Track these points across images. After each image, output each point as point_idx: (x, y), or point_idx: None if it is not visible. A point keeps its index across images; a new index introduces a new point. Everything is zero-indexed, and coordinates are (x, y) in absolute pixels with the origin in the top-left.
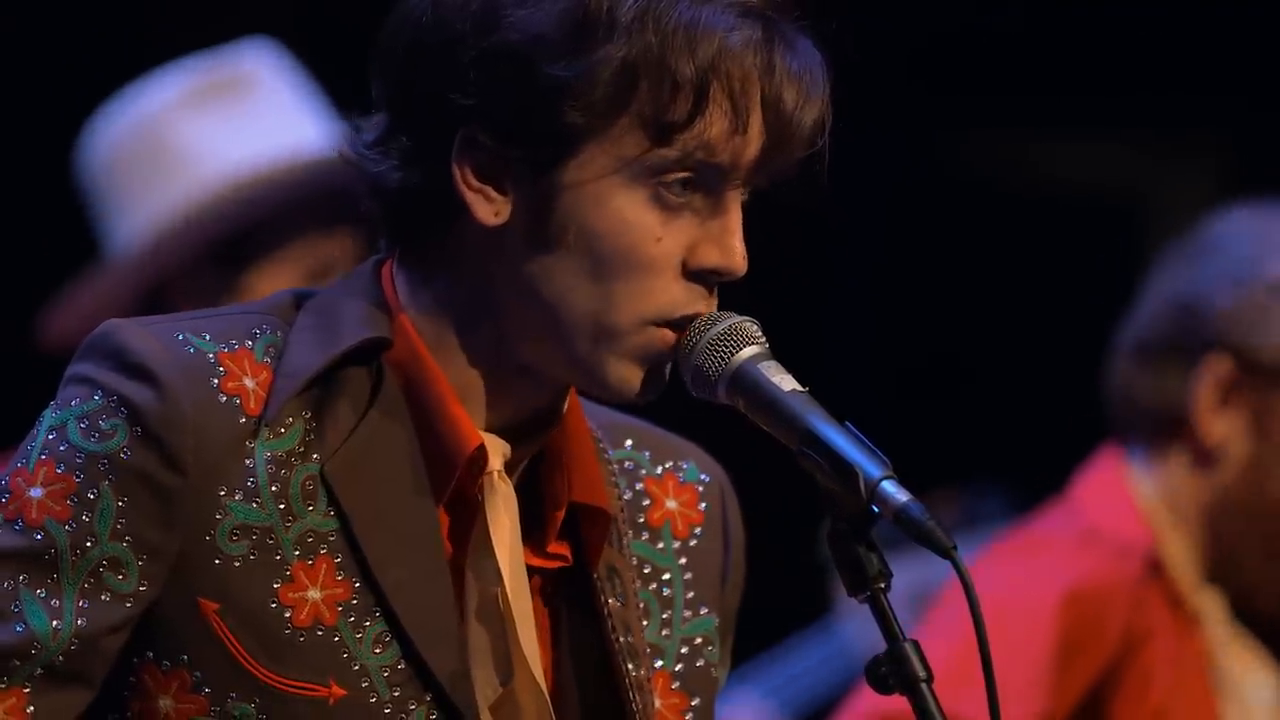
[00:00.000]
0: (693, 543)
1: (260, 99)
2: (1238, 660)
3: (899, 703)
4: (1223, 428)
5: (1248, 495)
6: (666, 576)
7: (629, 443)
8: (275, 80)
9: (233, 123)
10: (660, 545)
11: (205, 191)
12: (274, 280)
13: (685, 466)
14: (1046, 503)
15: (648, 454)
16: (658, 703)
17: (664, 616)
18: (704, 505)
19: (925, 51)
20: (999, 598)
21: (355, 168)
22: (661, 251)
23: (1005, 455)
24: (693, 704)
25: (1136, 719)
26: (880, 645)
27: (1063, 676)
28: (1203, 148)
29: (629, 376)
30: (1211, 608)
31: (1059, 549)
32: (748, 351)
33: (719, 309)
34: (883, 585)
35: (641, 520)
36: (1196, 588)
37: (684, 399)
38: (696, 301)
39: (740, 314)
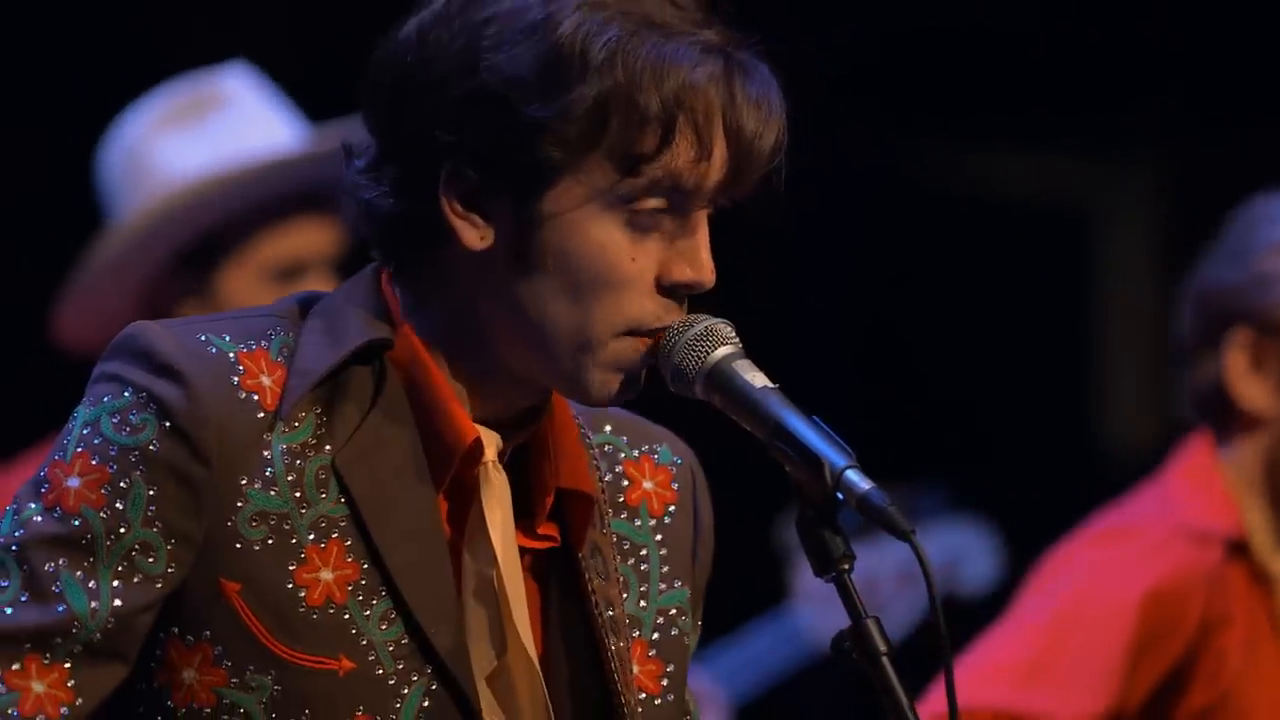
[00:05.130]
0: (667, 520)
1: (231, 115)
2: None
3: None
4: (1258, 391)
5: None
6: (644, 552)
7: (608, 428)
8: (247, 98)
9: (203, 137)
10: (638, 523)
11: (166, 199)
12: (245, 276)
13: (660, 450)
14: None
15: (625, 439)
16: (636, 669)
17: (641, 589)
18: (677, 485)
19: (889, 71)
20: (1084, 585)
21: (348, 190)
22: (636, 270)
23: (951, 453)
24: (668, 670)
25: (1208, 699)
26: (834, 628)
27: (1136, 671)
28: (1141, 161)
29: (608, 383)
30: None
31: (1147, 541)
32: (722, 351)
33: (694, 313)
34: (847, 566)
35: (621, 500)
36: (1272, 553)
37: (661, 394)
38: (669, 314)
39: (716, 317)
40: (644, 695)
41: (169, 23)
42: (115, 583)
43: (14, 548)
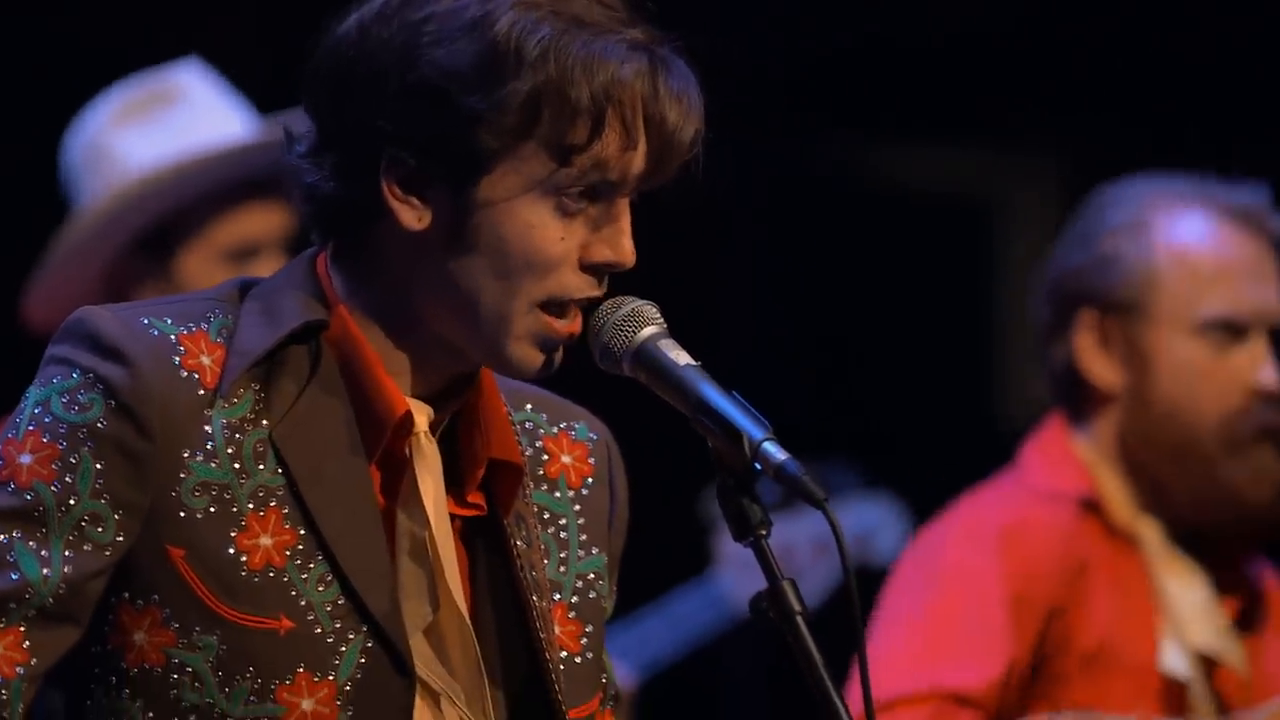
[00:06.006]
0: (585, 491)
1: (186, 108)
2: (1174, 578)
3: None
4: (1106, 369)
5: (1143, 420)
6: (563, 521)
7: (529, 406)
8: (201, 92)
9: (159, 129)
10: (557, 494)
11: (124, 188)
12: (201, 259)
13: (577, 426)
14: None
15: (545, 416)
16: (557, 630)
17: (561, 556)
18: (594, 460)
19: (803, 70)
20: (949, 555)
21: (289, 173)
22: (563, 250)
23: (861, 432)
24: (587, 630)
25: (1087, 646)
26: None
27: (1019, 624)
28: (1044, 153)
29: (529, 358)
30: (1148, 532)
31: (998, 503)
32: (648, 331)
33: (620, 295)
34: (764, 532)
35: (541, 473)
36: (1133, 517)
37: (589, 371)
38: (589, 288)
39: (643, 299)
40: (565, 654)
41: (131, 20)
42: (67, 551)
43: None
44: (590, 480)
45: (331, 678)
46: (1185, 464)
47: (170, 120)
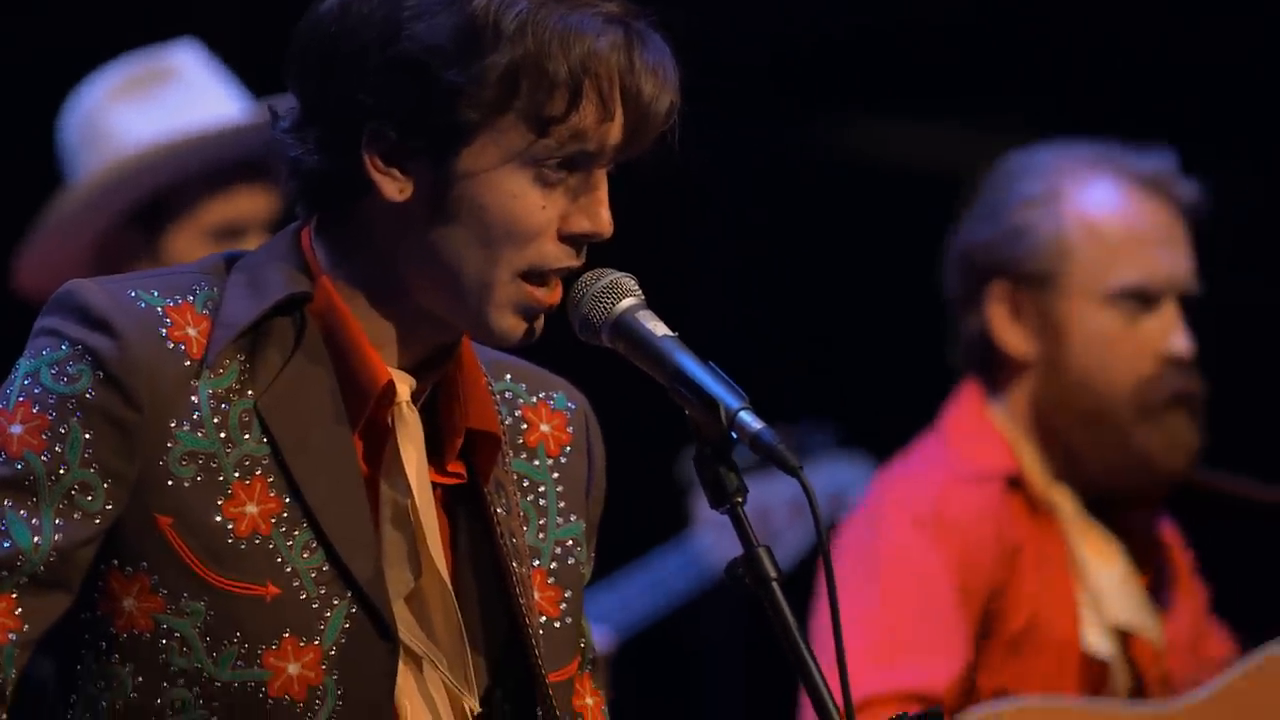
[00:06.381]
0: (563, 460)
1: (180, 87)
2: (1093, 553)
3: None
4: (1019, 339)
5: (1057, 388)
6: (542, 489)
7: (508, 376)
8: (195, 72)
9: (154, 107)
10: (536, 463)
11: (117, 163)
12: (189, 238)
13: (556, 396)
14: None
15: (524, 386)
16: (537, 595)
17: (540, 523)
18: (572, 429)
19: (781, 45)
20: (894, 552)
21: (275, 149)
22: (543, 219)
23: (838, 397)
24: (565, 595)
25: (1019, 624)
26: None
27: (966, 611)
28: (1018, 129)
29: (511, 326)
30: (1063, 502)
31: (931, 492)
32: (627, 302)
33: (600, 267)
34: (740, 499)
35: (520, 441)
36: (1048, 486)
37: (569, 342)
38: (568, 258)
39: (621, 270)
40: (544, 618)
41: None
42: (57, 520)
43: None
44: (569, 449)
45: (317, 642)
46: (1099, 431)
47: (165, 98)
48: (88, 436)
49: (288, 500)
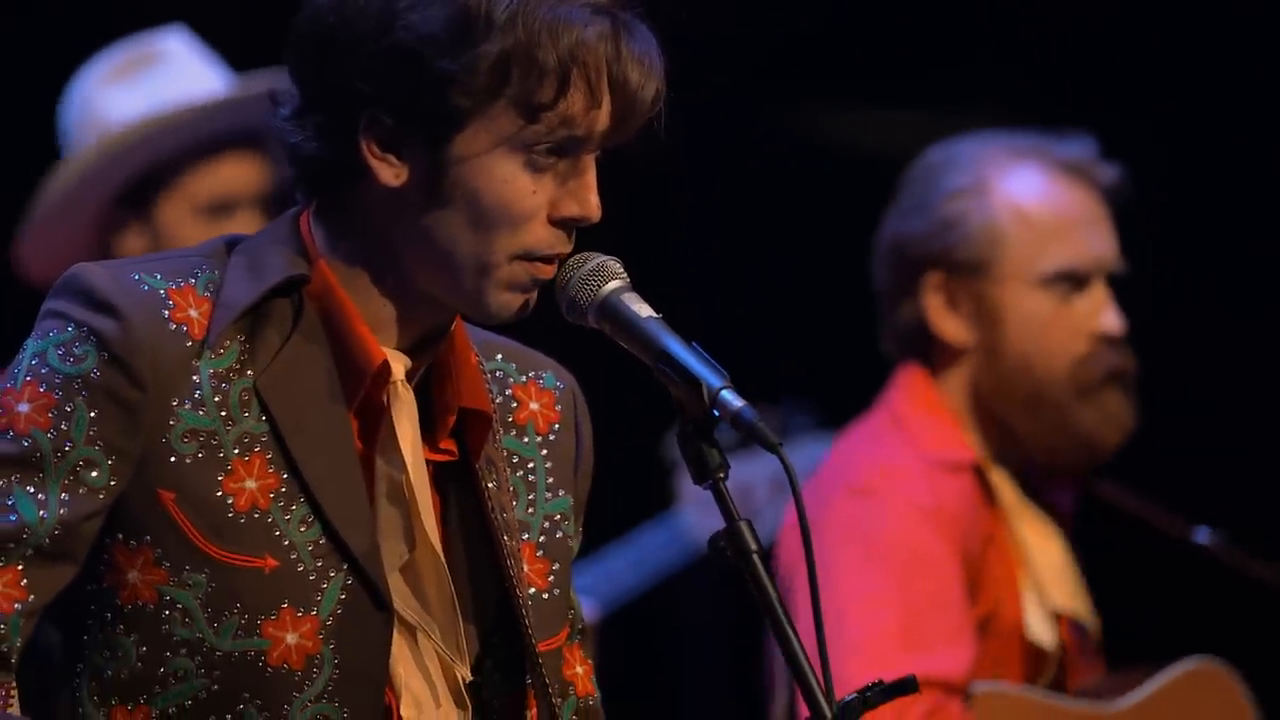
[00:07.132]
0: (552, 437)
1: (168, 70)
2: (1029, 530)
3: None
4: (956, 327)
5: (995, 373)
6: (531, 465)
7: (499, 356)
8: (183, 55)
9: (140, 88)
10: (526, 440)
11: (106, 140)
12: (180, 210)
13: (545, 375)
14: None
15: (514, 365)
16: (526, 567)
17: (529, 498)
18: (560, 407)
19: (761, 33)
20: (895, 539)
21: (275, 137)
22: (534, 204)
23: (818, 377)
24: (554, 568)
25: (985, 610)
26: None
27: (971, 604)
28: (984, 118)
29: (506, 303)
30: (1002, 485)
31: (916, 482)
32: (612, 285)
33: (588, 251)
34: (722, 475)
35: (510, 419)
36: (990, 470)
37: (557, 324)
38: (559, 243)
39: (608, 254)
40: (534, 590)
41: None
42: (62, 495)
43: None
44: (557, 426)
45: (314, 613)
46: (1038, 412)
47: (152, 80)
48: (93, 415)
49: (286, 476)
